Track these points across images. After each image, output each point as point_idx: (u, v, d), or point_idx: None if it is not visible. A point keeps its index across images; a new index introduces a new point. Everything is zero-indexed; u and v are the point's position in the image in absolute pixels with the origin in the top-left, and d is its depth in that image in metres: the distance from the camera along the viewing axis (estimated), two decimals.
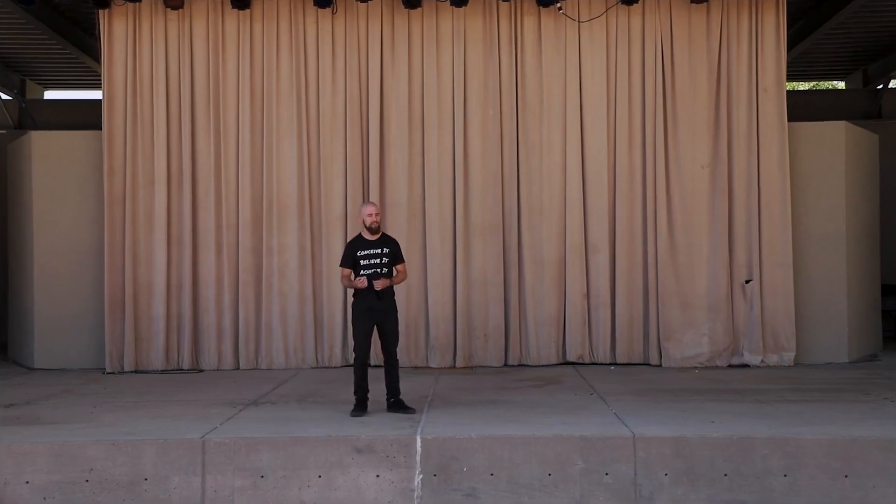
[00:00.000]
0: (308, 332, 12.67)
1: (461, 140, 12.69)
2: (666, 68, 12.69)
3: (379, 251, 9.24)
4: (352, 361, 9.48)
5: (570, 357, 12.66)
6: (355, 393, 9.22)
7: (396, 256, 9.38)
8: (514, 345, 12.66)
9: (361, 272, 9.20)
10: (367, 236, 9.28)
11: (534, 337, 12.66)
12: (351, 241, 9.44)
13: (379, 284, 9.11)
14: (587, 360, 12.65)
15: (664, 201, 12.60)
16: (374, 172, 12.69)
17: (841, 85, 20.31)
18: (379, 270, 9.19)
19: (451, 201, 12.72)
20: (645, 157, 12.72)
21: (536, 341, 12.65)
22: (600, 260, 12.71)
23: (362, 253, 9.22)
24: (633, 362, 12.64)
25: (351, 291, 9.61)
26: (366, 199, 12.50)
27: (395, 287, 9.48)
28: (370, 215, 9.26)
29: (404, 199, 12.71)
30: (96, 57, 13.20)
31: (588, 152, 12.77)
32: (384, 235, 9.45)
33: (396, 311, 9.42)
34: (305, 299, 12.68)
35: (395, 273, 9.42)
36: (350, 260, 9.26)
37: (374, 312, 9.19)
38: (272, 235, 12.69)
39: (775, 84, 12.65)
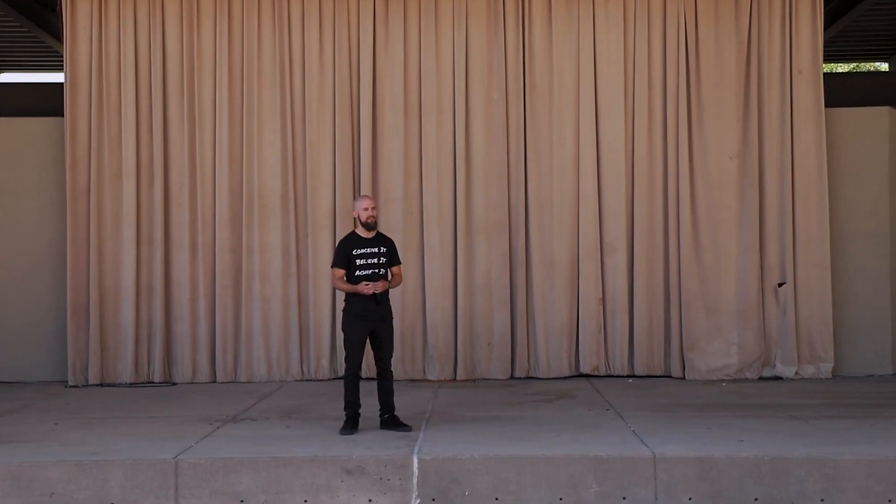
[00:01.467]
0: (293, 340, 12.68)
1: (462, 128, 12.70)
2: (690, 48, 12.70)
3: (376, 250, 9.25)
4: (341, 374, 9.48)
5: (584, 369, 12.68)
6: (345, 408, 9.22)
7: (393, 257, 9.40)
8: (522, 355, 12.67)
9: (357, 273, 9.18)
10: (363, 233, 9.27)
11: (543, 346, 12.67)
12: (344, 239, 9.43)
13: (379, 287, 9.11)
14: (602, 373, 12.66)
15: (688, 195, 12.62)
16: (366, 164, 12.69)
17: (884, 67, 20.29)
18: (377, 272, 9.20)
19: (451, 196, 12.73)
20: (666, 146, 12.73)
21: (546, 351, 12.66)
22: (617, 261, 12.72)
23: (358, 252, 9.21)
24: (654, 374, 12.66)
25: (342, 296, 9.61)
26: (358, 193, 12.51)
27: (390, 291, 9.47)
28: (366, 209, 9.24)
29: (399, 194, 12.71)
30: (57, 35, 13.20)
31: (603, 141, 12.77)
32: (380, 234, 9.46)
33: (392, 318, 9.43)
34: (290, 304, 12.68)
35: (389, 276, 9.42)
36: (344, 259, 9.23)
37: (369, 319, 9.19)
38: (253, 233, 12.70)
39: (811, 66, 12.66)
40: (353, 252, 9.21)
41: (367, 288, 9.05)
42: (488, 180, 12.73)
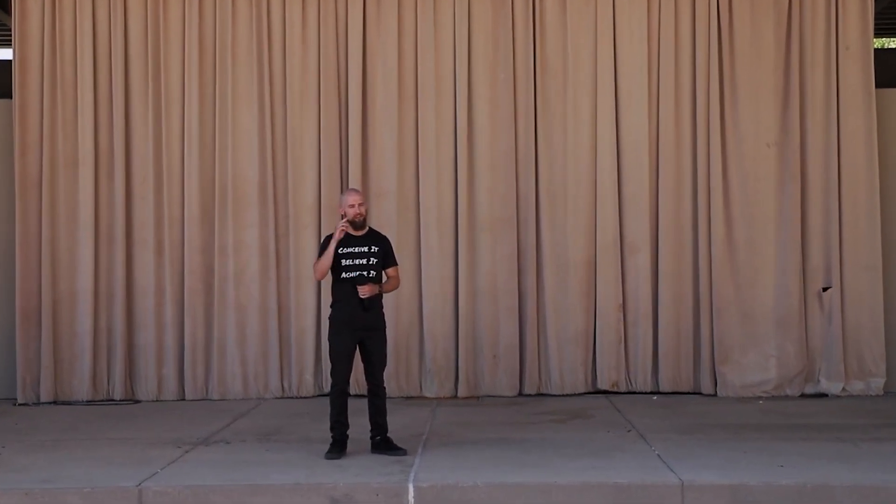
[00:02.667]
0: (272, 352, 12.70)
1: (464, 112, 12.71)
2: (723, 21, 12.70)
3: (366, 249, 9.28)
4: (327, 390, 9.48)
5: (602, 384, 12.70)
6: (331, 429, 9.23)
7: (388, 258, 9.42)
8: (532, 369, 12.69)
9: (343, 275, 9.21)
10: (352, 231, 9.32)
11: (556, 359, 12.69)
12: (331, 234, 9.42)
13: (365, 290, 9.11)
14: (623, 389, 12.68)
15: (720, 188, 12.64)
16: (355, 153, 12.70)
17: None
18: (366, 273, 9.22)
19: (451, 189, 12.76)
20: (696, 132, 12.74)
21: (559, 364, 12.69)
22: (640, 262, 12.74)
23: (345, 250, 9.23)
24: (681, 391, 12.68)
25: (327, 302, 9.60)
26: (346, 187, 12.50)
27: (383, 297, 9.50)
28: (352, 206, 9.28)
29: (393, 187, 12.74)
30: (5, 6, 13.17)
31: (624, 127, 12.80)
32: (372, 231, 9.49)
33: (385, 326, 9.45)
34: (268, 311, 12.71)
35: (384, 279, 9.44)
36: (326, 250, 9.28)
37: (357, 328, 9.20)
38: (226, 231, 12.72)
39: (860, 41, 12.68)
40: (340, 250, 9.23)
41: (343, 229, 9.08)
42: (494, 171, 12.77)
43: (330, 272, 9.33)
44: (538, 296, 12.73)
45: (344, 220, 9.18)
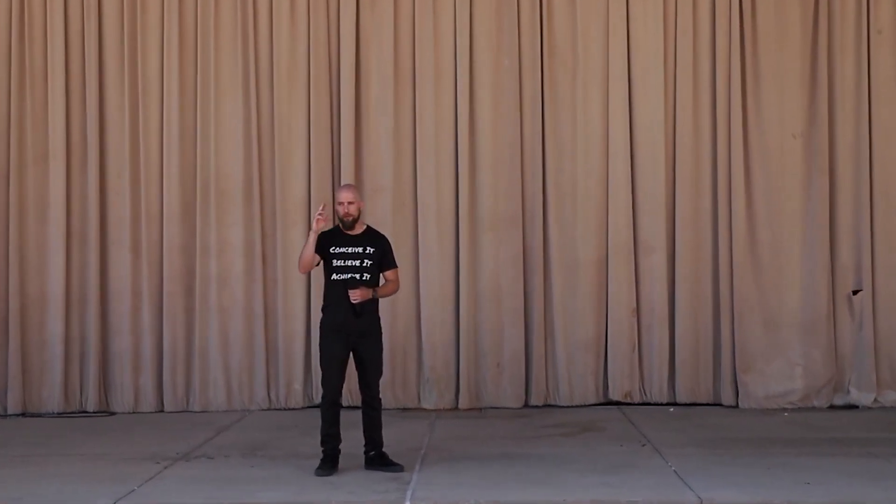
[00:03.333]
0: (258, 360, 12.70)
1: (466, 101, 12.71)
2: (745, 1, 12.70)
3: (361, 250, 9.28)
4: (318, 401, 9.47)
5: (615, 395, 12.70)
6: (322, 444, 9.23)
7: (385, 259, 9.43)
8: (538, 378, 12.69)
9: (333, 276, 9.20)
10: (346, 230, 9.34)
11: (564, 368, 12.69)
12: (325, 231, 9.44)
13: (356, 294, 9.10)
14: (637, 399, 12.69)
15: (741, 183, 12.65)
16: (348, 145, 12.71)
17: None
18: (359, 276, 9.21)
19: (452, 185, 12.78)
20: (715, 123, 12.75)
21: (568, 373, 12.69)
22: (655, 263, 12.75)
23: (337, 250, 9.24)
24: (700, 402, 12.68)
25: (317, 306, 9.61)
26: (338, 182, 12.53)
27: (379, 301, 9.48)
28: (341, 204, 9.30)
29: (388, 182, 12.75)
30: None
31: (638, 117, 12.82)
32: (370, 231, 9.49)
33: (380, 332, 9.45)
34: (254, 316, 12.71)
35: (381, 282, 9.44)
36: (318, 249, 9.25)
37: (349, 333, 9.19)
38: (209, 230, 12.72)
39: (893, 24, 12.69)
40: (332, 249, 9.24)
41: (352, 295, 9.03)
42: (497, 165, 12.77)
43: (323, 273, 9.33)
44: (545, 299, 12.73)
45: (321, 208, 9.11)
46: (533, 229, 12.77)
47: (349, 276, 9.18)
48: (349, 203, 9.26)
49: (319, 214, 9.06)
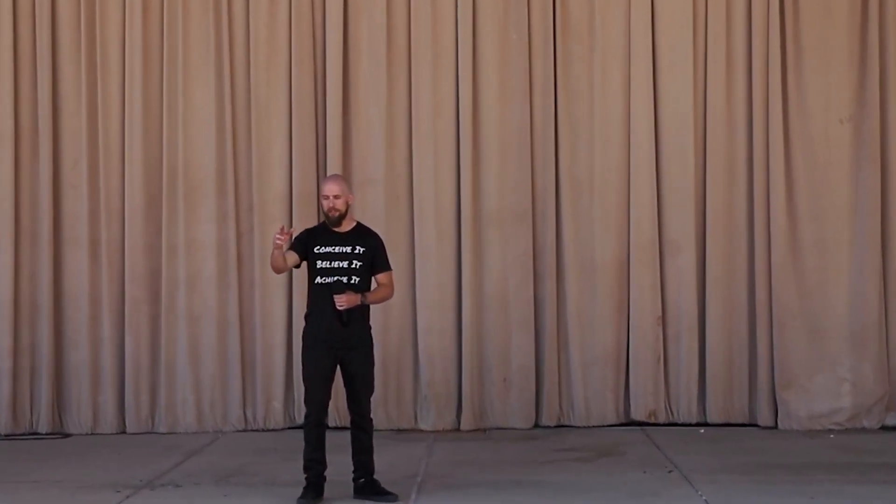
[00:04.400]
0: (232, 375, 12.72)
1: (468, 82, 12.72)
2: None
3: (349, 249, 9.25)
4: (300, 421, 9.49)
5: (637, 414, 12.74)
6: (305, 470, 9.21)
7: (377, 261, 9.41)
8: (550, 395, 12.71)
9: (318, 280, 9.18)
10: (333, 227, 9.34)
11: (580, 383, 12.71)
12: (310, 228, 9.48)
13: (343, 300, 9.07)
14: (662, 419, 12.71)
15: (781, 174, 12.67)
16: (335, 131, 12.73)
17: None
18: (345, 279, 9.19)
19: (453, 176, 12.81)
20: (751, 106, 12.77)
21: (584, 390, 12.71)
22: (682, 264, 12.77)
23: (322, 249, 9.24)
24: (734, 422, 12.68)
25: (300, 313, 9.60)
26: (324, 172, 12.55)
27: (370, 308, 9.49)
28: (326, 198, 9.31)
29: (380, 174, 12.79)
30: None
31: (664, 100, 12.84)
32: (360, 228, 9.48)
33: (371, 343, 9.45)
34: (228, 325, 12.74)
35: (373, 286, 9.44)
36: (300, 247, 9.27)
37: (335, 345, 9.18)
38: (177, 227, 12.74)
39: None
40: (317, 249, 9.24)
41: (338, 301, 9.01)
42: (504, 155, 12.80)
43: (307, 275, 9.34)
44: (558, 306, 12.77)
45: (280, 230, 9.05)
46: (544, 227, 12.80)
47: (335, 279, 9.15)
48: (335, 196, 9.24)
49: (278, 237, 9.00)
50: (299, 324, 9.70)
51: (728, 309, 12.72)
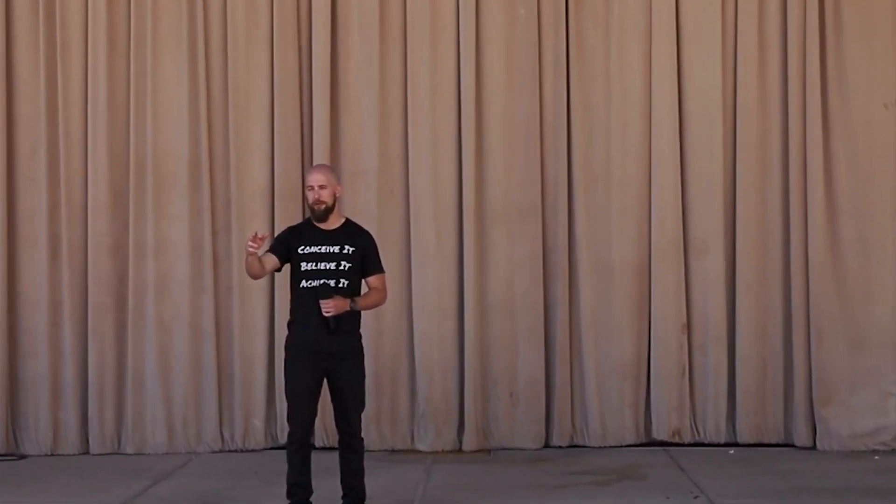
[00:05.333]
0: (207, 390, 12.72)
1: (471, 62, 12.74)
2: None
3: (336, 249, 9.27)
4: (283, 441, 9.50)
5: (659, 433, 12.77)
6: (288, 495, 9.23)
7: (368, 262, 9.45)
8: (563, 411, 12.72)
9: (303, 283, 9.17)
10: (319, 223, 9.36)
11: (595, 398, 12.73)
12: (293, 226, 9.54)
13: (330, 306, 9.07)
14: (687, 439, 12.73)
15: (819, 165, 12.67)
16: (322, 117, 12.74)
17: None
18: (333, 283, 9.19)
19: (453, 168, 12.83)
20: (786, 90, 12.76)
21: (600, 406, 12.73)
22: (710, 266, 12.78)
23: (307, 250, 9.25)
24: (767, 442, 12.71)
25: (282, 320, 9.72)
26: (309, 162, 12.56)
27: (361, 315, 9.52)
28: (311, 188, 9.36)
29: (373, 164, 12.80)
30: None
31: (689, 82, 12.85)
32: (350, 225, 9.50)
33: (361, 354, 9.49)
34: (203, 334, 12.73)
35: (364, 290, 9.47)
36: (282, 248, 9.28)
37: (322, 355, 9.19)
38: (145, 224, 12.73)
39: None
40: (301, 249, 9.25)
41: (325, 306, 9.02)
42: (511, 143, 12.84)
43: (289, 279, 9.37)
44: (571, 312, 12.79)
45: (253, 236, 9.07)
46: (555, 224, 12.80)
47: (321, 282, 9.15)
48: (320, 187, 9.27)
49: (251, 244, 9.02)
50: (282, 332, 9.71)
51: (760, 316, 12.73)
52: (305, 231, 9.34)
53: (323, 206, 9.25)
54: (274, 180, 12.69)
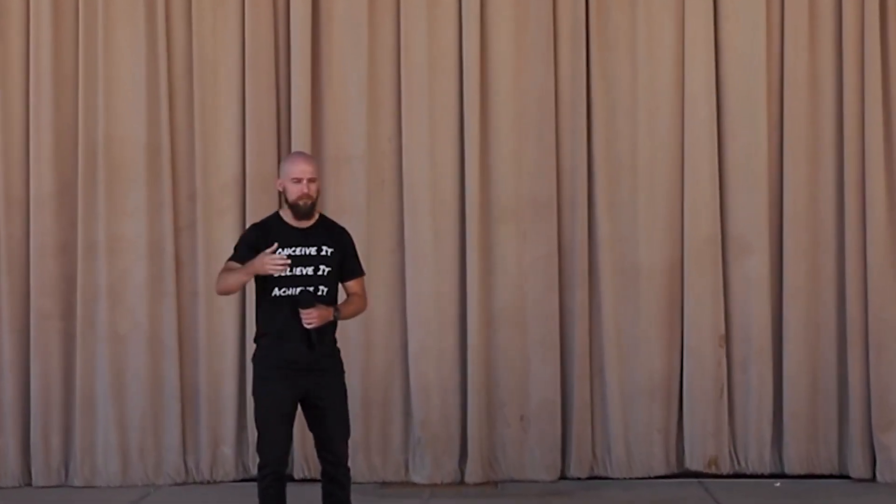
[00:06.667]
0: (169, 413, 12.70)
1: (475, 32, 12.74)
2: None
3: (314, 251, 9.20)
4: (255, 472, 9.49)
5: (694, 462, 12.78)
6: None
7: (348, 264, 9.42)
8: (582, 438, 12.74)
9: (277, 291, 9.10)
10: (292, 220, 9.27)
11: (620, 422, 12.75)
12: (258, 224, 9.41)
13: (313, 316, 9.01)
14: (726, 470, 12.73)
15: (879, 154, 12.71)
16: (301, 96, 12.77)
17: None
18: (314, 290, 9.14)
19: (454, 155, 12.86)
20: (841, 66, 12.77)
21: (625, 431, 12.76)
22: (752, 269, 12.81)
23: (282, 252, 9.08)
24: (819, 473, 12.72)
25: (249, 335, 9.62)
26: (287, 150, 12.59)
27: (341, 324, 9.51)
28: (297, 181, 9.20)
29: (361, 150, 12.82)
30: None
31: (728, 55, 12.90)
32: (325, 221, 9.46)
33: (342, 371, 9.45)
34: (164, 348, 12.72)
35: (345, 296, 9.50)
36: (250, 254, 9.11)
37: (299, 373, 9.12)
38: (96, 220, 12.72)
39: None
40: (280, 252, 9.07)
41: (307, 318, 8.95)
42: (521, 127, 12.89)
43: (256, 287, 9.30)
44: (591, 322, 12.82)
45: (276, 251, 8.96)
46: (573, 220, 12.83)
47: (300, 289, 9.09)
48: (310, 180, 9.18)
49: (278, 265, 8.87)
50: (250, 346, 9.61)
51: (811, 327, 12.77)
52: (274, 229, 9.21)
53: (310, 203, 9.18)
54: (246, 170, 12.69)
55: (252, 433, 11.97)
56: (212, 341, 12.68)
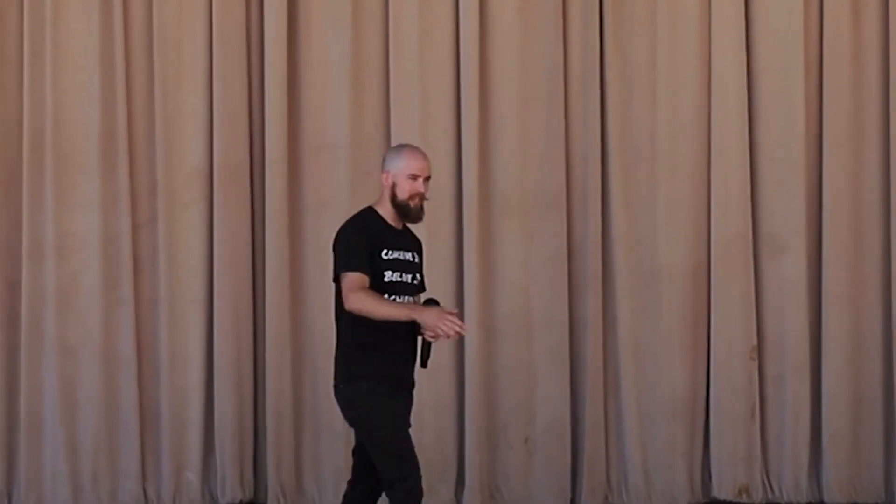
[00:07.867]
0: (125, 434, 12.66)
1: (474, 6, 12.79)
2: None
3: (412, 256, 9.27)
4: (222, 500, 10.05)
5: (722, 490, 12.80)
6: None
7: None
8: (594, 462, 12.77)
9: (387, 297, 9.04)
10: (393, 220, 9.25)
11: (637, 444, 12.79)
12: (361, 222, 9.25)
13: (452, 326, 8.98)
14: (759, 499, 12.78)
15: None
16: (277, 76, 12.75)
17: None
18: (413, 297, 9.28)
19: (450, 143, 12.93)
20: (888, 41, 12.85)
21: (643, 455, 12.80)
22: (788, 271, 12.88)
23: (391, 255, 9.11)
24: (862, 501, 12.81)
25: (224, 339, 9.52)
26: (259, 132, 12.72)
27: (322, 335, 10.06)
28: (414, 176, 9.13)
29: (343, 138, 12.84)
30: None
31: (760, 31, 12.97)
32: (406, 227, 9.50)
33: None
34: (120, 361, 12.69)
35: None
36: (367, 256, 9.04)
37: (409, 392, 9.30)
38: (43, 216, 12.70)
39: None
40: (384, 253, 9.11)
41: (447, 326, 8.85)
42: (526, 112, 12.94)
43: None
44: (605, 332, 12.87)
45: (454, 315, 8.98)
46: (584, 217, 12.89)
47: (407, 296, 9.19)
48: (426, 179, 9.19)
49: (454, 327, 8.83)
50: (223, 358, 9.70)
51: (854, 337, 12.84)
52: (381, 228, 9.18)
53: (421, 204, 9.18)
54: (213, 158, 12.67)
55: (220, 458, 12.47)
56: (175, 354, 12.63)
